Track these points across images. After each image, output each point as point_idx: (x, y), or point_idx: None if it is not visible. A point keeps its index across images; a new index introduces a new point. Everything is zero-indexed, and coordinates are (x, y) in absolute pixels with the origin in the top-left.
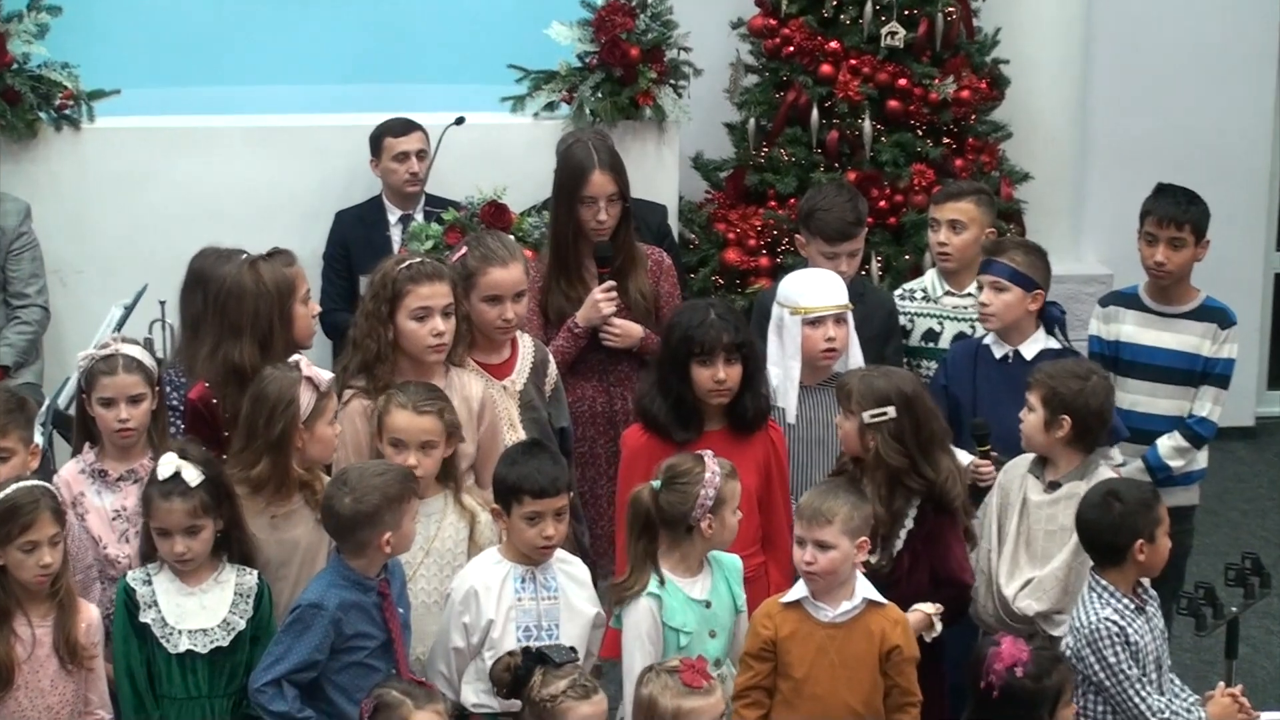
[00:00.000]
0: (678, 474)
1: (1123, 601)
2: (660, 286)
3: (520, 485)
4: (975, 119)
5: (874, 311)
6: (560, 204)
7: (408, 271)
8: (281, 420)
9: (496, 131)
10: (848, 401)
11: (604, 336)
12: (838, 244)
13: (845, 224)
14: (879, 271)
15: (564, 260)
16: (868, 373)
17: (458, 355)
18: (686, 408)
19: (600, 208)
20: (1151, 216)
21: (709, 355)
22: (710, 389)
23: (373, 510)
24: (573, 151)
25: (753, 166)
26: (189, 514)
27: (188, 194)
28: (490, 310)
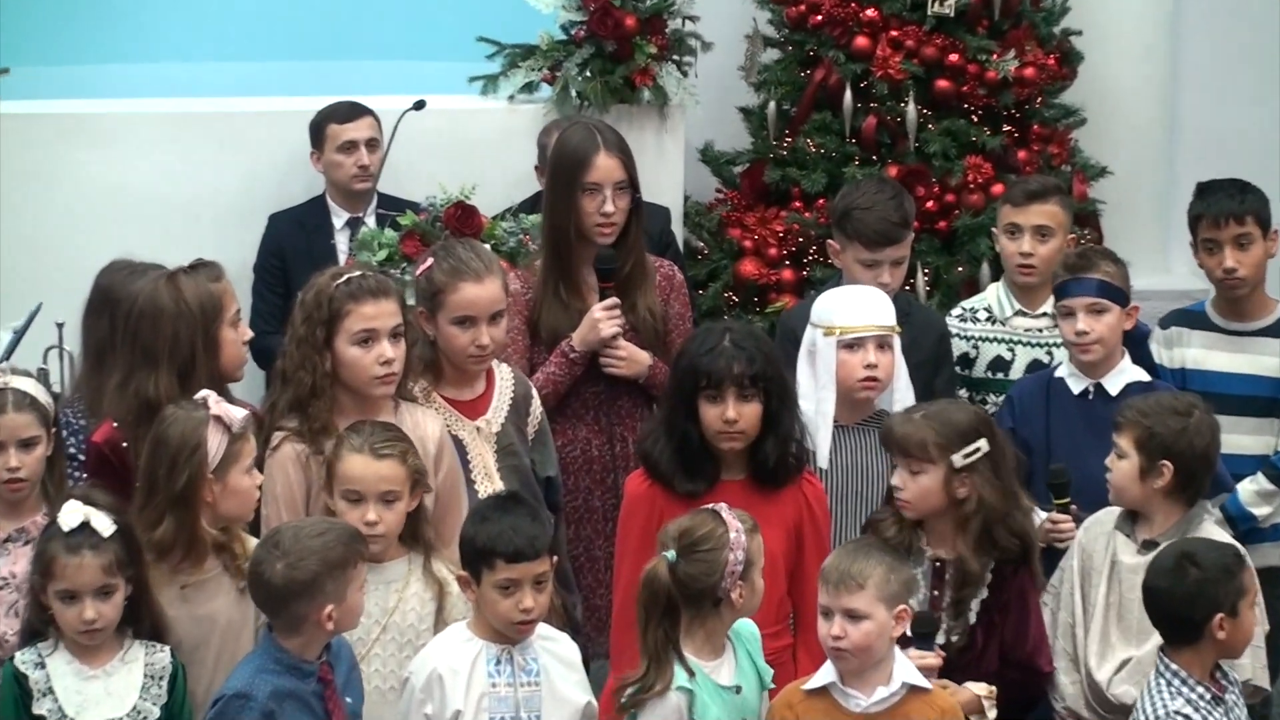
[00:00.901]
0: (696, 541)
1: (1197, 690)
2: (670, 306)
3: (491, 547)
4: (1042, 102)
5: (921, 334)
6: (557, 195)
7: (346, 287)
8: (185, 470)
9: (463, 118)
10: (923, 451)
11: (605, 363)
12: (879, 249)
13: (889, 225)
14: (925, 287)
15: (563, 264)
16: (928, 410)
17: (408, 388)
18: (693, 452)
19: (606, 197)
20: (1205, 219)
21: (717, 389)
22: (719, 430)
23: (310, 578)
24: (572, 133)
25: (773, 160)
26: (103, 570)
27: (91, 195)
28: (461, 335)
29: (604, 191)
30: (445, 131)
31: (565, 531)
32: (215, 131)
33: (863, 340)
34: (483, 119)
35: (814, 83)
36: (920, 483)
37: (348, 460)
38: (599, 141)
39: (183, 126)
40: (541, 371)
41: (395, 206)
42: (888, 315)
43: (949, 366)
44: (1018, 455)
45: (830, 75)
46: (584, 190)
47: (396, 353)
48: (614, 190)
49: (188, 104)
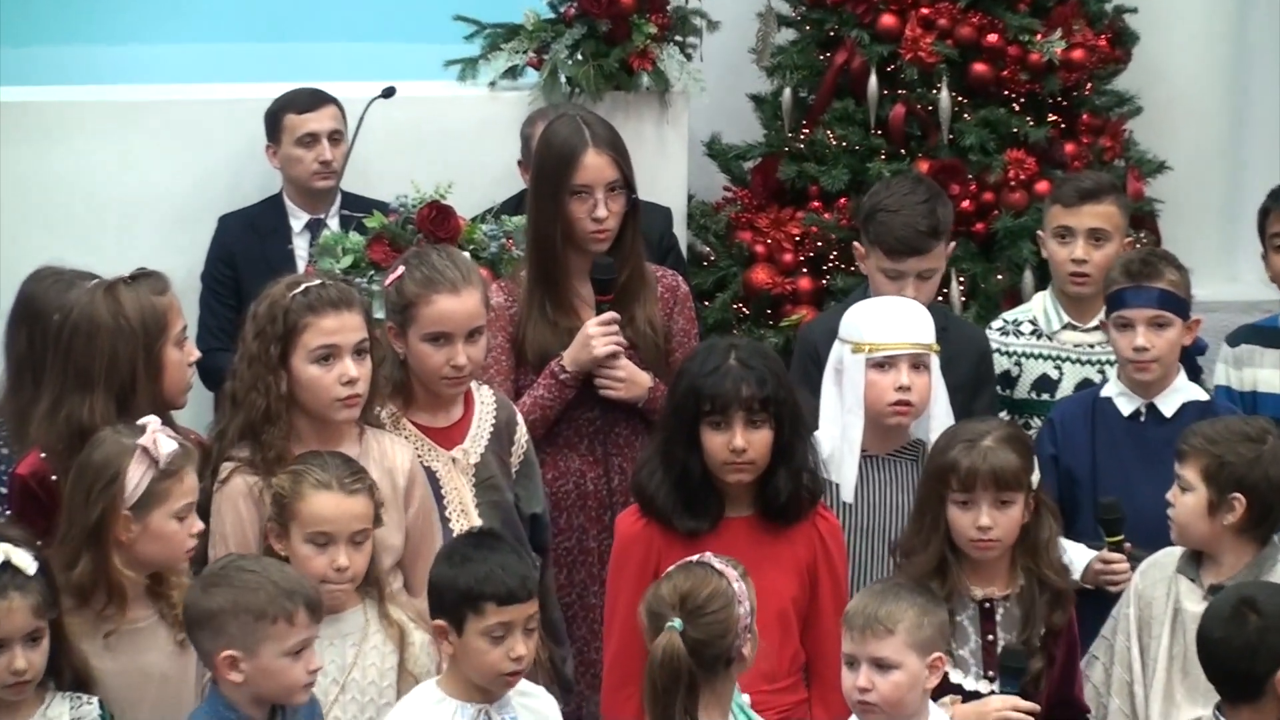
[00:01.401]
0: (702, 603)
1: None
2: (674, 320)
3: (480, 590)
4: (1092, 89)
5: (959, 353)
6: (542, 200)
7: (305, 298)
8: (100, 502)
9: (438, 107)
10: (1018, 481)
11: (601, 385)
12: (901, 259)
13: (913, 233)
14: (961, 297)
15: (550, 275)
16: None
17: (375, 412)
18: (694, 486)
19: (598, 200)
20: (1274, 214)
21: (723, 415)
22: (725, 461)
23: (212, 611)
24: (556, 129)
25: (789, 154)
26: (33, 612)
27: (17, 193)
28: (435, 354)
29: (595, 194)
30: (418, 122)
31: (554, 576)
32: (158, 122)
33: (895, 359)
34: (460, 108)
35: (834, 67)
36: (1011, 516)
37: (315, 499)
38: (587, 137)
39: (121, 117)
40: (528, 395)
41: (361, 207)
42: (924, 331)
43: (990, 389)
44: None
45: (853, 58)
46: (572, 193)
47: (361, 372)
48: (606, 192)
49: (126, 91)
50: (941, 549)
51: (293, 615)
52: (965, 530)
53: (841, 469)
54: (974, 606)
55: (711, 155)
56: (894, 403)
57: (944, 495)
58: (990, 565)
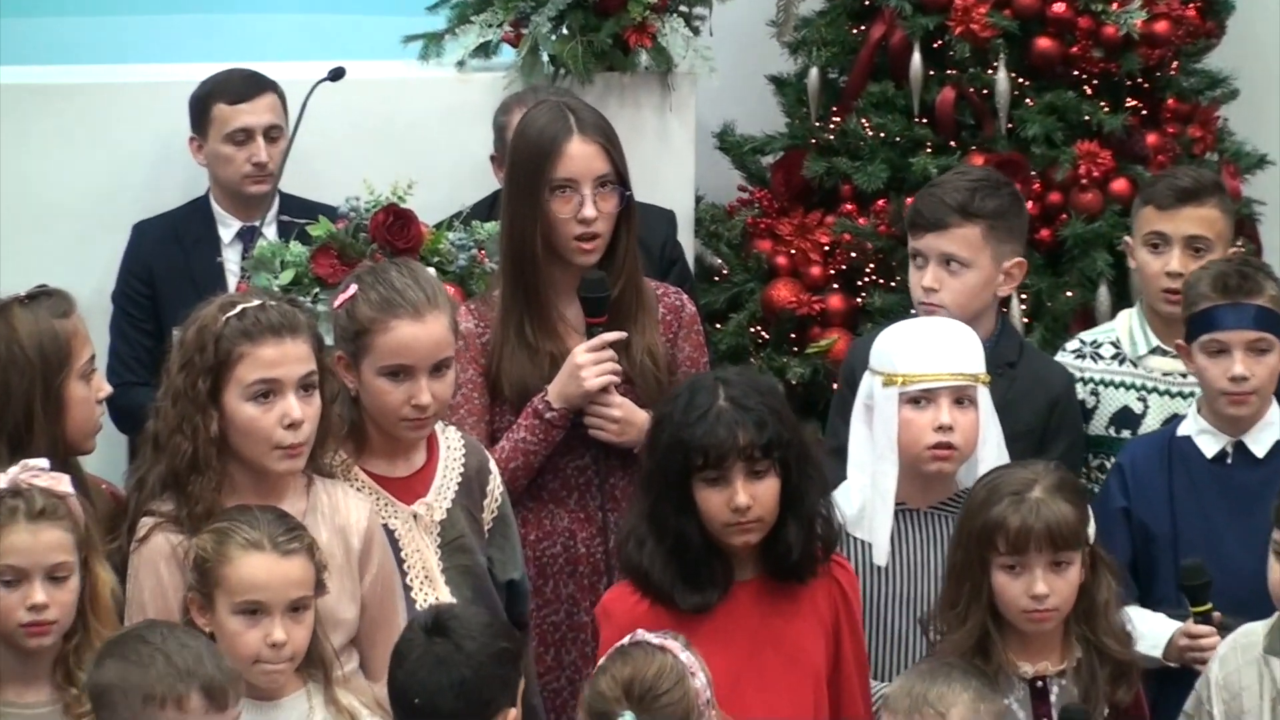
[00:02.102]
0: (649, 685)
1: None
2: (678, 347)
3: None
4: (1178, 68)
5: (1029, 392)
6: (519, 198)
7: (239, 323)
8: None
9: (396, 92)
10: (1076, 538)
11: (592, 425)
12: (918, 234)
13: (936, 203)
14: (1024, 318)
15: (529, 292)
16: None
17: (326, 459)
18: (695, 554)
19: (585, 197)
20: None
21: (718, 469)
22: (727, 523)
23: (103, 687)
24: (533, 116)
25: (816, 147)
26: None
27: None
28: (394, 390)
29: (581, 189)
30: (371, 110)
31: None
32: (59, 111)
33: (934, 393)
34: (422, 93)
35: (871, 43)
36: (1069, 580)
37: (244, 562)
38: (571, 123)
39: (14, 104)
40: (507, 439)
41: (303, 211)
42: (968, 358)
43: (1065, 441)
44: None
45: (892, 32)
46: (553, 189)
47: (307, 412)
48: (595, 187)
49: (19, 73)
50: (984, 621)
51: (183, 700)
52: (1016, 600)
53: (873, 526)
54: (1024, 687)
55: (724, 149)
56: (933, 445)
57: (988, 559)
58: (1041, 637)
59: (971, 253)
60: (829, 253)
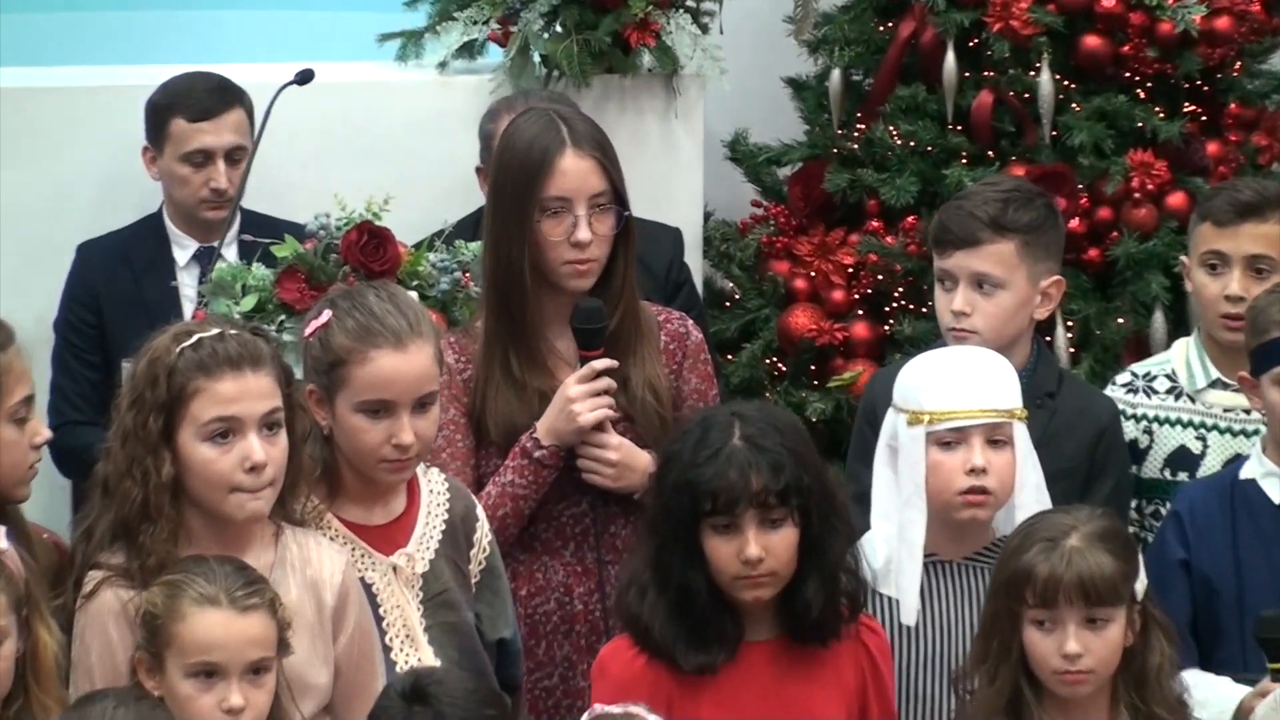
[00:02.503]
0: None
1: None
2: (683, 379)
3: None
4: (1242, 68)
5: (1073, 422)
6: (504, 219)
7: (195, 354)
8: None
9: (370, 97)
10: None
11: (586, 469)
12: (945, 251)
13: (964, 217)
14: (1069, 348)
15: (515, 322)
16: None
17: (297, 506)
18: (701, 610)
19: (579, 219)
20: None
21: (729, 515)
22: (737, 575)
23: None
24: (521, 126)
25: (839, 157)
26: None
27: None
28: (372, 428)
29: (575, 210)
30: (343, 117)
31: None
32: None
33: (965, 432)
34: (399, 98)
35: (899, 41)
36: (1108, 639)
37: (197, 619)
38: (563, 135)
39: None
40: (494, 483)
41: (267, 230)
42: (1002, 392)
43: (1112, 479)
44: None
45: (923, 30)
46: (544, 210)
47: (271, 453)
48: (590, 208)
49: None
50: (1015, 680)
51: None
52: (1047, 658)
53: (900, 581)
54: None
55: (736, 159)
56: (965, 490)
57: (1018, 611)
58: (1083, 702)
59: (1006, 271)
60: (853, 275)
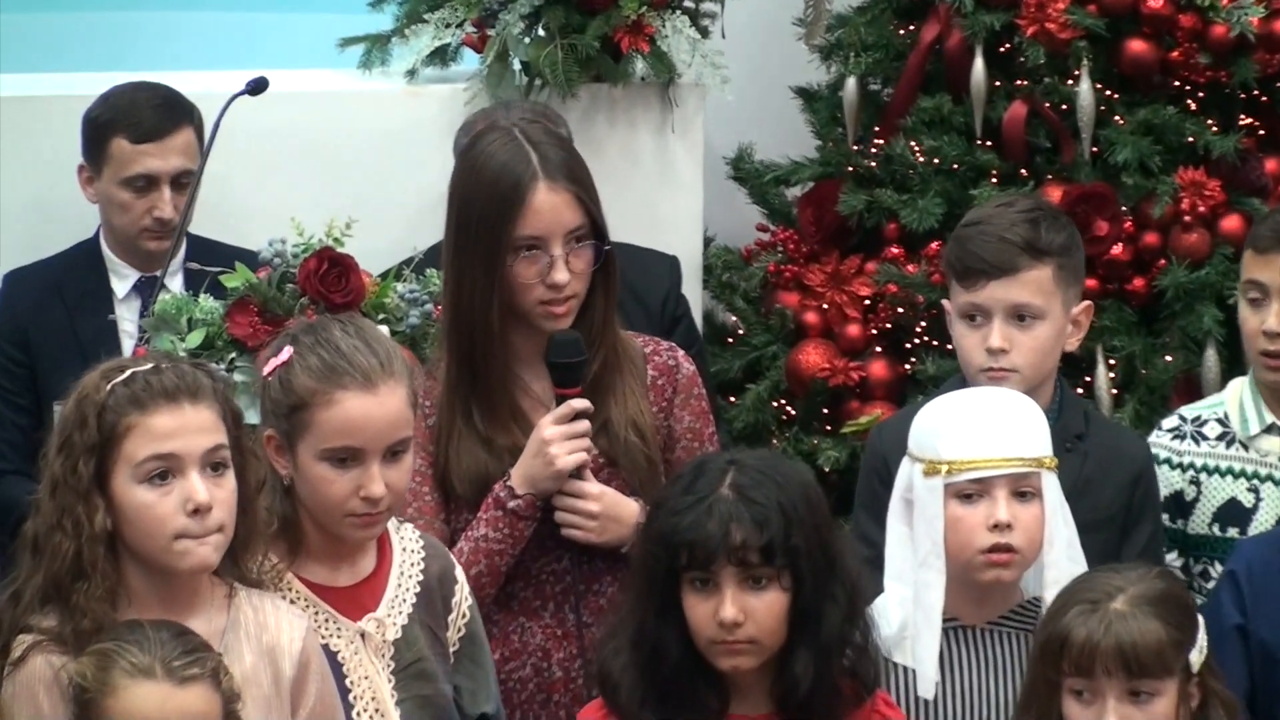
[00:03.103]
0: None
1: None
2: (674, 417)
3: None
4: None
5: (1108, 465)
6: (468, 260)
7: (127, 389)
8: None
9: (331, 108)
10: (1162, 663)
11: (565, 522)
12: (977, 282)
13: (997, 243)
14: (1112, 389)
15: (479, 367)
16: (1129, 588)
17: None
18: (670, 673)
19: (554, 259)
20: None
21: (706, 571)
22: (712, 639)
23: None
24: (488, 151)
25: (854, 176)
26: None
27: None
28: (339, 479)
29: (550, 250)
30: (300, 131)
31: None
32: None
33: (987, 484)
34: (364, 110)
35: (921, 47)
36: (1155, 714)
37: (130, 692)
38: (534, 165)
39: None
40: (465, 538)
41: (217, 257)
42: (1029, 438)
43: (1149, 526)
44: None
45: (949, 33)
46: (516, 251)
47: (218, 494)
48: (567, 245)
49: None
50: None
51: None
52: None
53: (917, 649)
54: None
55: (739, 179)
56: (989, 548)
57: (1055, 680)
58: None
59: (1044, 299)
60: (870, 308)
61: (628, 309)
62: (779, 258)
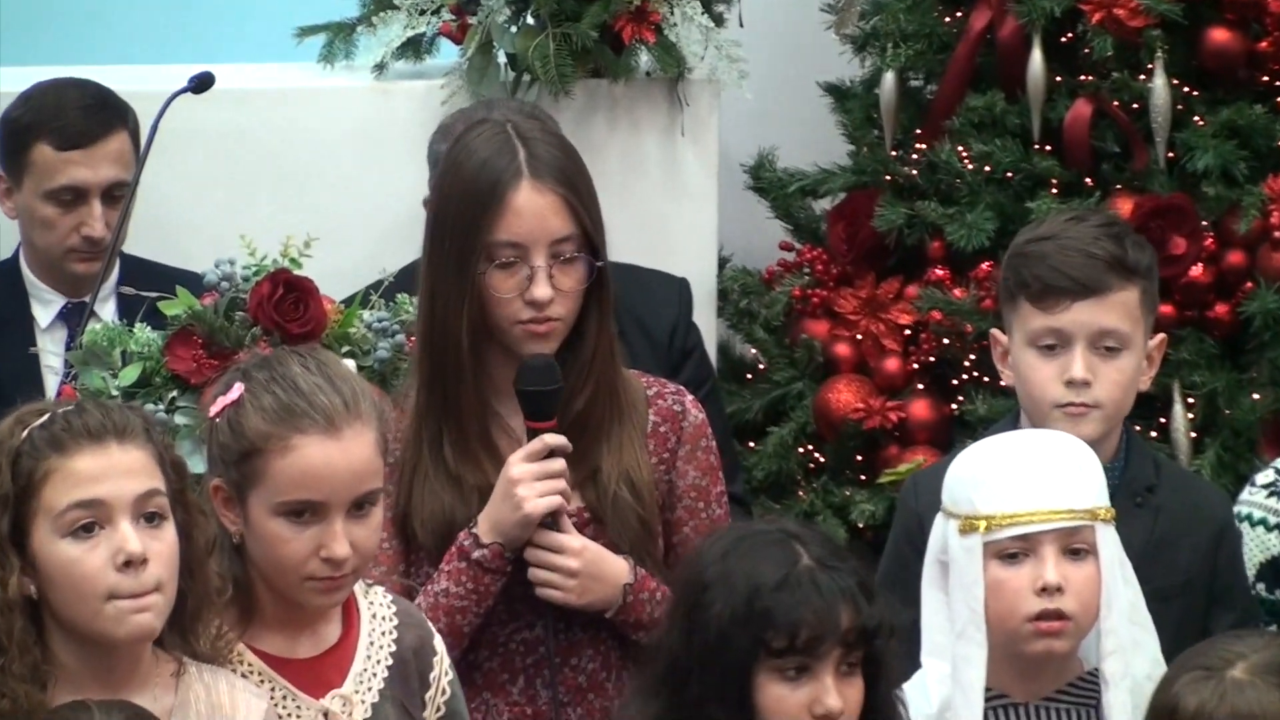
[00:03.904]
0: None
1: None
2: (678, 470)
3: None
4: None
5: (1185, 521)
6: (442, 265)
7: (45, 432)
8: None
9: (287, 108)
10: None
11: (539, 579)
12: (1058, 304)
13: (1082, 259)
14: (1191, 432)
15: (452, 395)
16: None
17: (203, 637)
18: None
19: (535, 271)
20: None
21: (810, 656)
22: None
23: None
24: (470, 146)
25: (893, 186)
26: None
27: None
28: (295, 538)
29: (531, 260)
30: (252, 134)
31: None
32: None
33: (1034, 541)
34: (324, 109)
35: (971, 37)
36: None
37: None
38: (519, 161)
39: None
40: (425, 593)
41: (155, 280)
42: (1081, 486)
43: (1238, 594)
44: None
45: (1002, 22)
46: (492, 259)
47: (155, 547)
48: (550, 257)
49: None
50: None
51: None
52: None
53: None
54: None
55: (760, 189)
56: (1037, 615)
57: None
58: None
59: (1131, 326)
60: (912, 338)
61: (630, 340)
62: (805, 281)
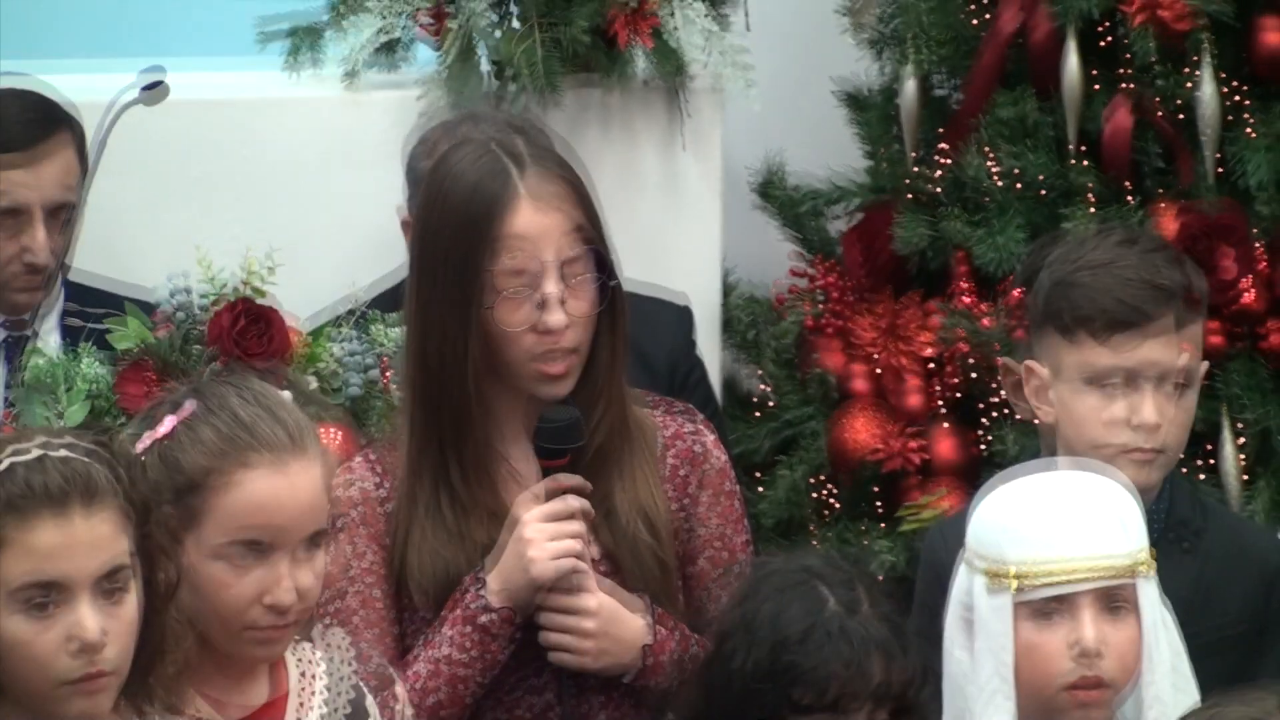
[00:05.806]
0: None
1: None
2: (697, 516)
3: None
4: None
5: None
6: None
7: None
8: None
9: (248, 117)
10: None
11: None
12: (1122, 334)
13: (1141, 286)
14: (1242, 473)
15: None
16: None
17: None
18: None
19: (547, 298)
20: None
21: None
22: None
23: None
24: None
25: (914, 201)
26: None
27: None
28: (236, 583)
29: (542, 286)
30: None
31: None
32: None
33: (1069, 598)
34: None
35: (999, 38)
36: None
37: None
38: (513, 179)
39: None
40: (423, 653)
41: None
42: (1121, 535)
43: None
44: None
45: (1034, 20)
46: (496, 290)
47: (113, 626)
48: (562, 277)
49: None
50: None
51: None
52: None
53: None
54: None
55: (767, 202)
56: (1070, 685)
57: None
58: None
59: (1196, 361)
60: (935, 368)
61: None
62: (819, 304)
